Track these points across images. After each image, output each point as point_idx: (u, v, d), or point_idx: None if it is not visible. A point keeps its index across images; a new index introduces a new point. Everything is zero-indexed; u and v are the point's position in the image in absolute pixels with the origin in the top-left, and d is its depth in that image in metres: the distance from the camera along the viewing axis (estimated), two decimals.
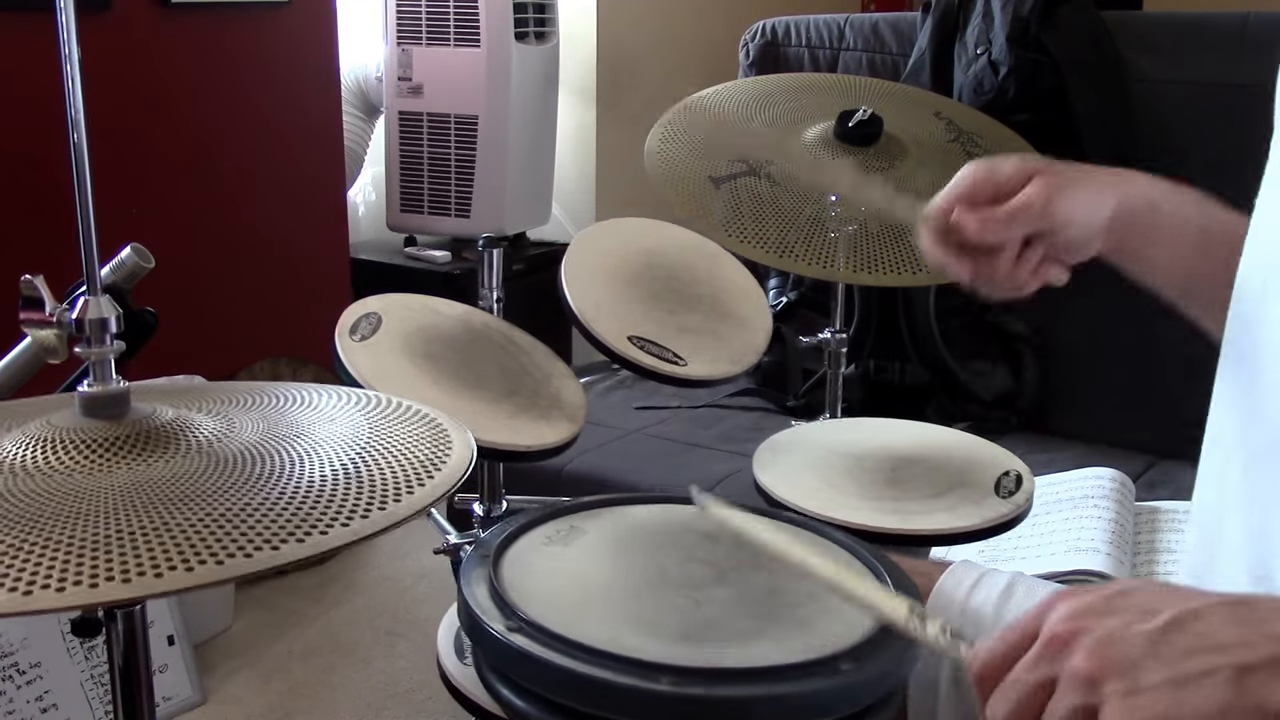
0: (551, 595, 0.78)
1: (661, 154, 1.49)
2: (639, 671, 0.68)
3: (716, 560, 0.83)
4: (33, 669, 1.71)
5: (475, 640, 0.77)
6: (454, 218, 2.90)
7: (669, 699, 0.68)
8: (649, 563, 0.83)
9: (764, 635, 0.74)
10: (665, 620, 0.76)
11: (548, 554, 0.85)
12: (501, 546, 0.83)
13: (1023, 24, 1.98)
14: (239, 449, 0.67)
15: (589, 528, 0.89)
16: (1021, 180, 0.92)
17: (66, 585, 0.53)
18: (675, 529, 0.89)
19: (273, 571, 0.57)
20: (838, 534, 0.90)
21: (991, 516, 1.05)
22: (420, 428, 0.73)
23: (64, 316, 0.70)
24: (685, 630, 0.75)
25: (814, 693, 0.69)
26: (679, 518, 0.91)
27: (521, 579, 0.79)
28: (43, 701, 1.71)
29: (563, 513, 0.91)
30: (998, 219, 0.91)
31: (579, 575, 0.82)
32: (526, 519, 0.88)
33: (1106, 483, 1.55)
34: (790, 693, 0.69)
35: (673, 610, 0.77)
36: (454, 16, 2.78)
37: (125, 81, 2.14)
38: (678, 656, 0.70)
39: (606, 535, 0.88)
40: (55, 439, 0.66)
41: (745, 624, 0.76)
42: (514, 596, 0.76)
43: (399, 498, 0.62)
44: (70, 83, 0.71)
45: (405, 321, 1.13)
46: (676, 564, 0.83)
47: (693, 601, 0.78)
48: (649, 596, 0.79)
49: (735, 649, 0.73)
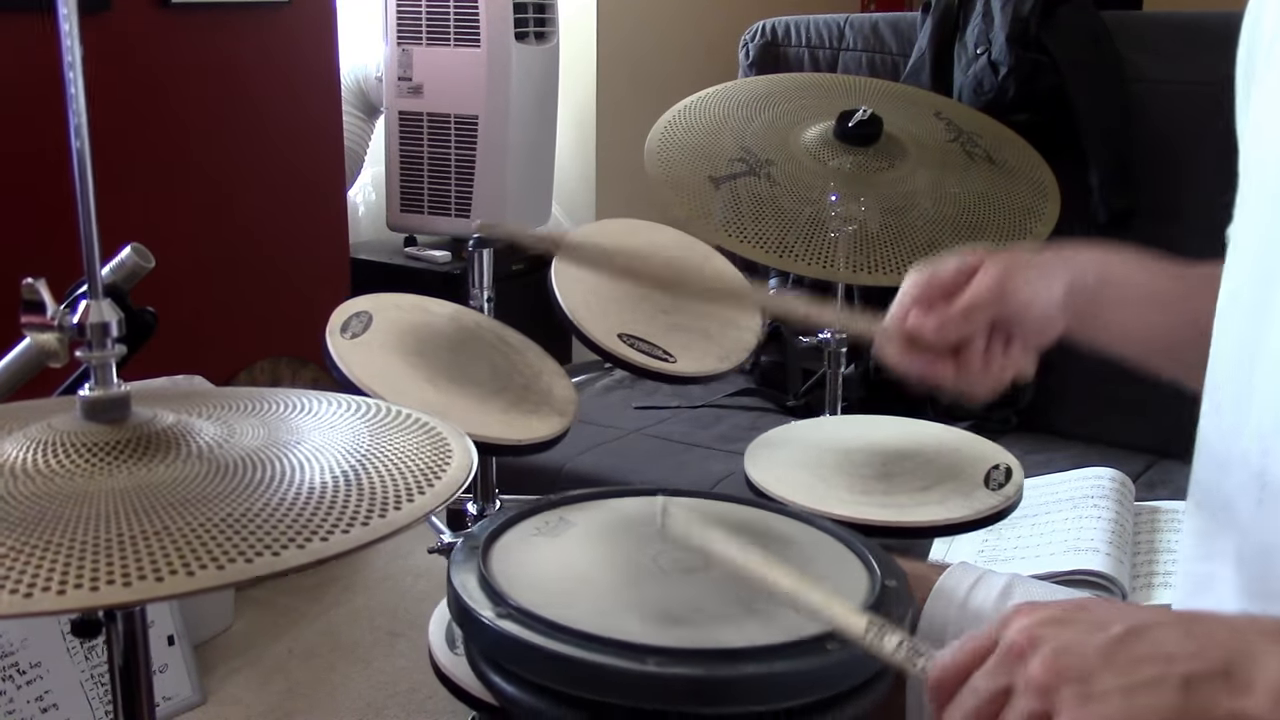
0: (540, 583, 0.79)
1: (661, 154, 1.49)
2: (626, 653, 0.69)
3: None
4: (33, 669, 1.71)
5: (465, 628, 0.78)
6: (454, 218, 2.90)
7: (656, 680, 0.68)
8: (636, 551, 0.84)
9: (751, 617, 0.75)
10: (653, 604, 0.77)
11: (536, 544, 0.86)
12: (490, 538, 0.84)
13: (1023, 24, 1.98)
14: (240, 454, 0.67)
15: (577, 519, 0.90)
16: (968, 274, 0.93)
17: (67, 588, 0.53)
18: None
19: (295, 570, 0.57)
20: (827, 523, 0.91)
21: (981, 508, 1.06)
22: (421, 436, 0.73)
23: (65, 320, 0.70)
24: (673, 613, 0.75)
25: (802, 672, 0.70)
26: None
27: (510, 568, 0.80)
28: (43, 701, 1.71)
29: (551, 505, 0.92)
30: (954, 316, 0.92)
31: (567, 564, 0.83)
32: (515, 511, 0.89)
33: (1106, 483, 1.55)
34: (776, 672, 0.70)
35: (661, 595, 0.78)
36: (454, 16, 2.78)
37: (125, 81, 2.14)
38: (665, 638, 0.71)
39: (594, 526, 0.89)
40: (56, 442, 0.66)
41: (731, 607, 0.76)
42: (502, 584, 0.77)
43: (399, 505, 0.62)
44: (71, 83, 0.71)
45: (396, 320, 1.14)
46: (664, 552, 0.83)
47: (681, 586, 0.79)
48: (637, 582, 0.80)
49: (723, 630, 0.74)
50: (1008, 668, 0.59)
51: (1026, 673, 0.58)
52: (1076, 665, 0.57)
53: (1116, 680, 0.56)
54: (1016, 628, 0.60)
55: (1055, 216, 1.50)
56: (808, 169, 1.46)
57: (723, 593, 0.78)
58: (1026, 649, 0.59)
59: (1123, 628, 0.58)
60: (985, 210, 1.48)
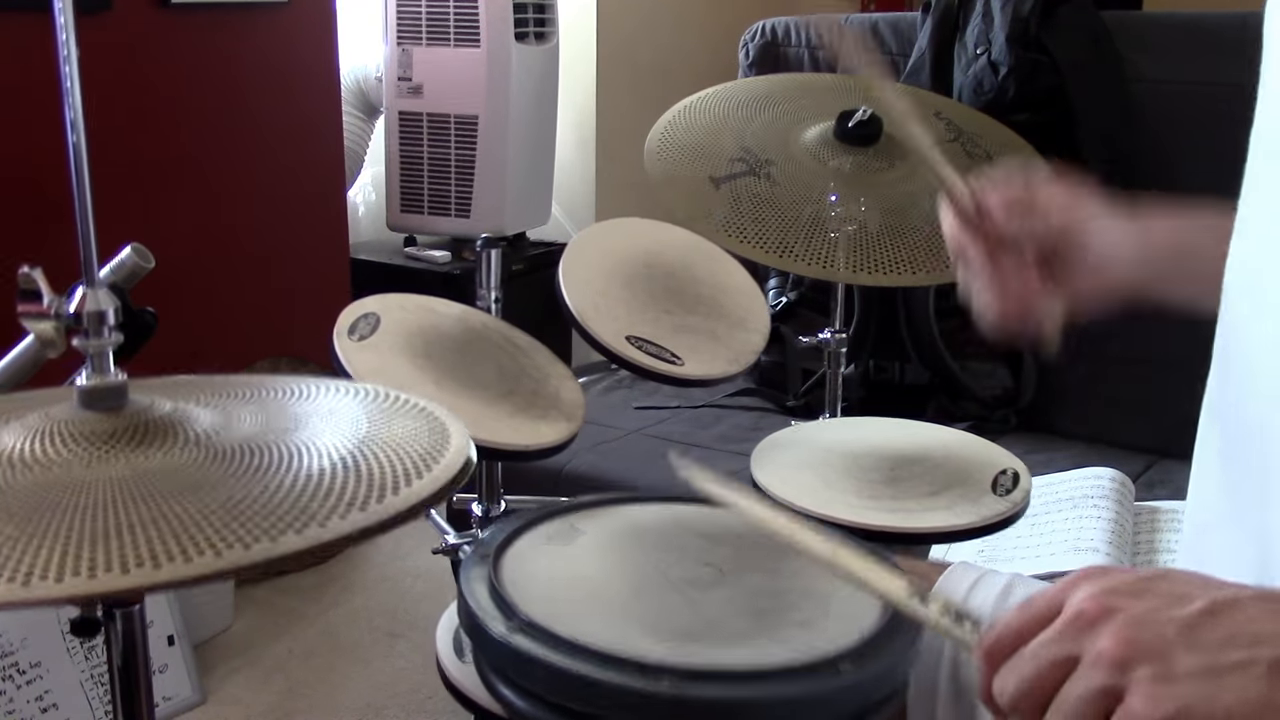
0: (551, 595, 0.77)
1: (661, 154, 1.48)
2: (640, 673, 0.68)
3: (716, 560, 0.83)
4: (33, 669, 1.71)
5: (475, 641, 0.77)
6: (454, 218, 2.90)
7: (670, 701, 0.67)
8: (648, 562, 0.83)
9: (764, 635, 0.74)
10: (665, 620, 0.76)
11: (547, 553, 0.84)
12: (501, 546, 0.83)
13: (1022, 24, 1.98)
14: (237, 441, 0.67)
15: (588, 527, 0.89)
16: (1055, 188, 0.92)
17: (65, 576, 0.53)
18: (675, 529, 0.89)
19: (272, 569, 0.57)
20: (827, 529, 0.90)
21: (989, 514, 1.05)
22: (417, 421, 0.73)
23: (62, 309, 0.70)
24: (685, 630, 0.74)
25: (815, 694, 0.69)
26: (679, 517, 0.91)
27: (521, 579, 0.79)
28: (43, 701, 1.71)
29: (562, 512, 0.90)
30: (1023, 204, 0.90)
31: (579, 575, 0.82)
32: (526, 519, 0.88)
33: (1106, 482, 1.55)
34: (791, 694, 0.69)
35: (673, 610, 0.77)
36: (454, 16, 2.78)
37: (124, 81, 2.14)
38: (678, 657, 0.70)
39: (606, 535, 0.88)
40: (53, 431, 0.66)
41: (745, 624, 0.76)
42: (514, 596, 0.76)
43: (396, 490, 0.62)
44: (69, 83, 0.71)
45: (404, 322, 1.13)
46: (676, 563, 0.83)
47: (692, 601, 0.78)
48: (649, 596, 0.79)
49: (735, 650, 0.73)
50: (1075, 636, 0.55)
51: (1096, 644, 0.53)
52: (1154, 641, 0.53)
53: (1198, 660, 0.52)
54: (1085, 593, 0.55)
55: None
56: (808, 169, 1.46)
57: (736, 608, 0.77)
58: (1098, 618, 0.54)
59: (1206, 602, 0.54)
60: None
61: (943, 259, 1.38)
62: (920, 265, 1.35)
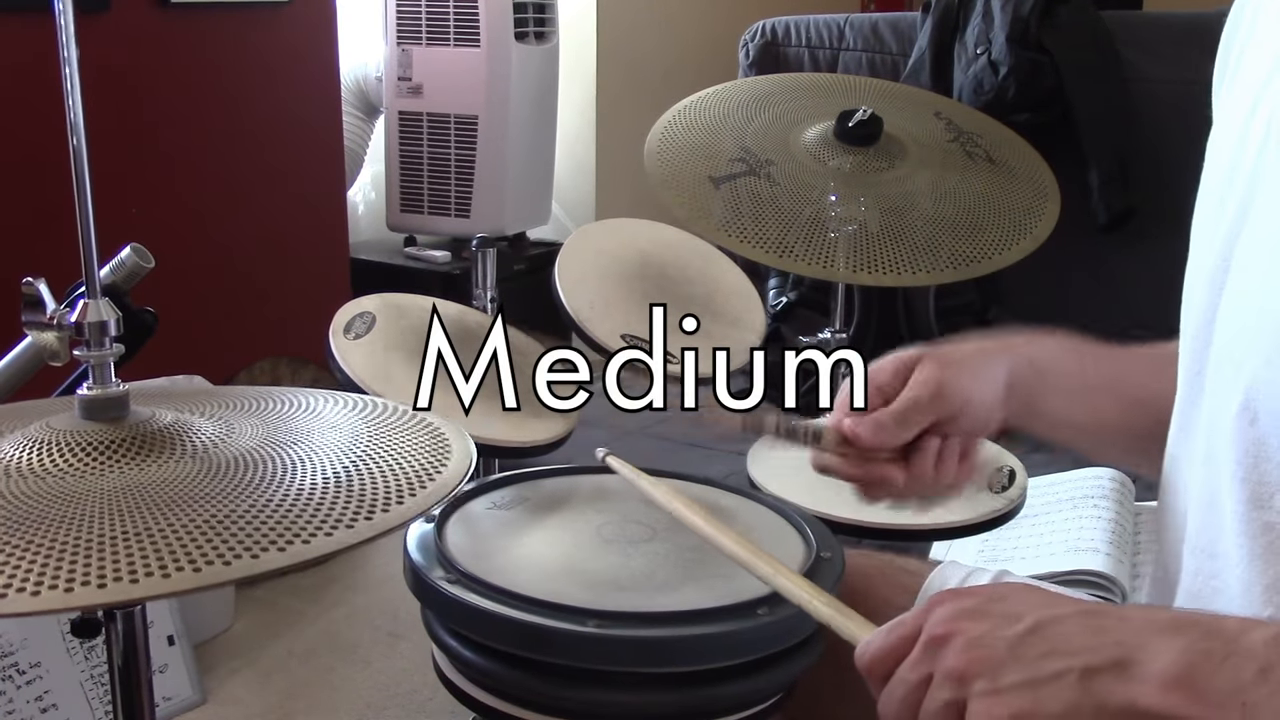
0: (491, 551, 0.82)
1: (661, 154, 1.48)
2: (568, 616, 0.73)
3: (652, 522, 0.87)
4: (33, 669, 1.71)
5: (419, 593, 0.81)
6: (454, 218, 2.90)
7: (596, 640, 0.72)
8: (587, 524, 0.87)
9: (689, 584, 0.79)
10: (598, 573, 0.80)
11: (490, 516, 0.88)
12: (446, 510, 0.87)
13: (1022, 24, 1.99)
14: (237, 453, 0.67)
15: (533, 495, 0.92)
16: (903, 376, 0.91)
17: (75, 586, 0.53)
18: (618, 495, 0.92)
19: (276, 572, 0.57)
20: (769, 498, 0.94)
21: (985, 511, 1.06)
22: (420, 435, 0.73)
23: (64, 319, 0.70)
24: (614, 580, 0.79)
25: (731, 634, 0.74)
26: (622, 485, 0.92)
27: (463, 538, 0.84)
28: (42, 701, 1.70)
29: (510, 481, 0.94)
30: (888, 421, 0.89)
31: (519, 535, 0.86)
32: (473, 486, 0.91)
33: (1106, 483, 1.55)
34: (709, 633, 0.73)
35: (605, 564, 0.81)
36: (454, 16, 2.78)
37: (124, 81, 2.14)
38: (606, 602, 0.75)
39: (549, 500, 0.92)
40: (55, 441, 0.66)
41: (672, 574, 0.80)
42: (454, 553, 0.80)
43: (387, 508, 0.62)
44: (69, 83, 0.71)
45: (399, 321, 1.14)
46: (613, 524, 0.87)
47: (625, 555, 0.82)
48: (584, 552, 0.83)
49: (661, 597, 0.77)
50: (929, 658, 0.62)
51: (944, 663, 0.61)
52: (988, 658, 0.60)
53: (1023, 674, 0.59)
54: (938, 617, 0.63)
55: (1055, 216, 1.50)
56: (808, 169, 1.46)
57: (666, 561, 0.82)
58: (945, 639, 0.62)
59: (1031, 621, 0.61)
60: (985, 210, 1.48)
61: (943, 259, 1.38)
62: (920, 265, 1.36)
